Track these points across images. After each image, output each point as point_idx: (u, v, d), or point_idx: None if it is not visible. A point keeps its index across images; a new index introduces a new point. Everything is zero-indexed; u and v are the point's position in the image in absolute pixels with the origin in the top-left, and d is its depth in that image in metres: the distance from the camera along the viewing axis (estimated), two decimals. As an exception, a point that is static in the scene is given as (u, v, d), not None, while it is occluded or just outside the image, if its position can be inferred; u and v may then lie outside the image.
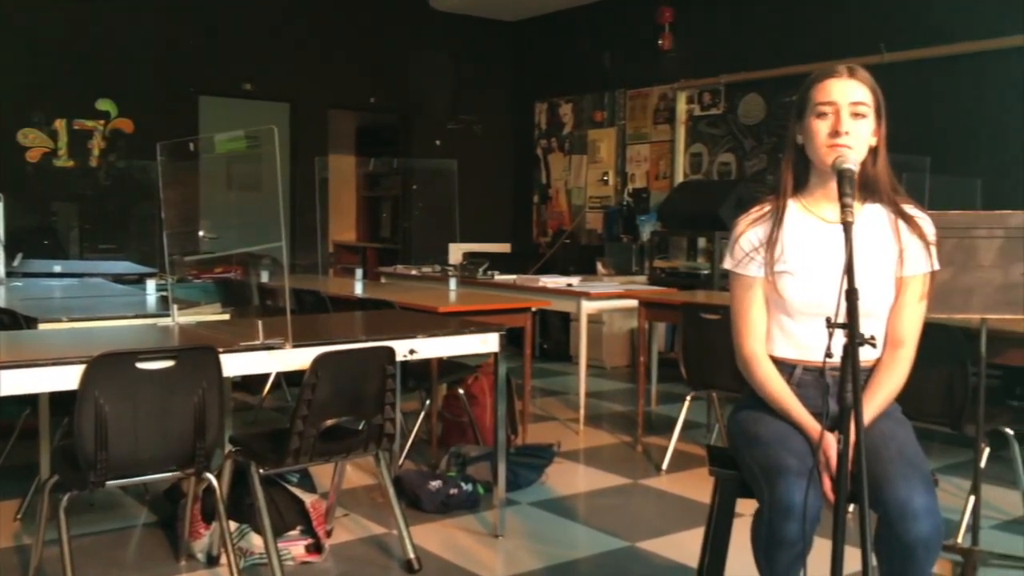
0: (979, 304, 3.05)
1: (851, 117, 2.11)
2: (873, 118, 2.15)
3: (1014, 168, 5.68)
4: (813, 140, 2.14)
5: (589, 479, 4.37)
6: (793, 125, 2.22)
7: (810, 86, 2.17)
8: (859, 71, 2.17)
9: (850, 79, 2.14)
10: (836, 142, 2.09)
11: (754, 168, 7.37)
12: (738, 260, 2.25)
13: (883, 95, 2.17)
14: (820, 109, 2.13)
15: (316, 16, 8.41)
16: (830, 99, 2.12)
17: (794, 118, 2.22)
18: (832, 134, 2.10)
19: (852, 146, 2.09)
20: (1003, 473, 4.00)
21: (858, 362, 1.76)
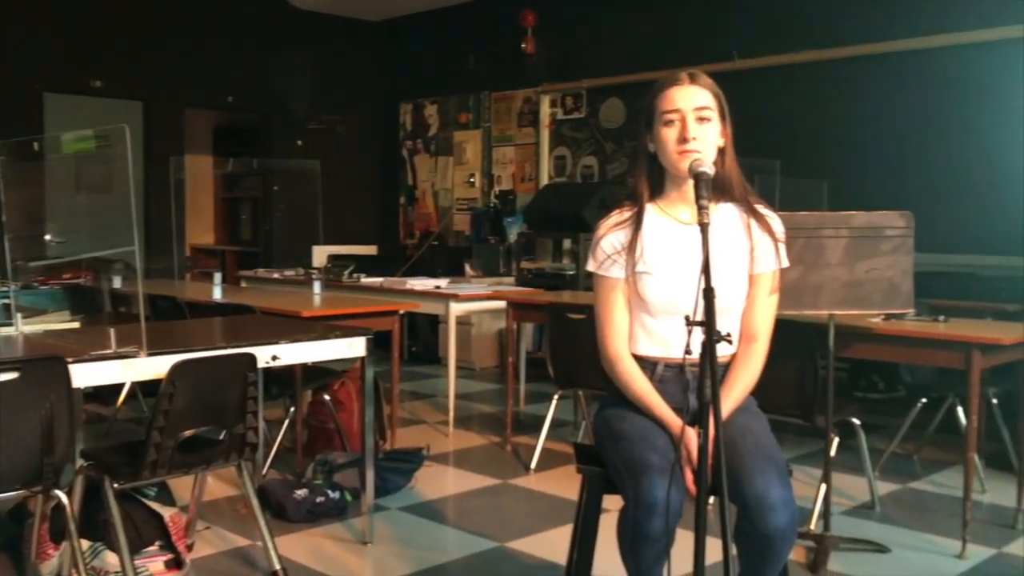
0: (827, 301, 3.20)
1: (697, 122, 2.18)
2: (718, 120, 2.22)
3: (858, 170, 6.00)
4: (663, 148, 2.21)
5: (459, 481, 4.36)
6: (643, 134, 2.28)
7: (655, 96, 2.23)
8: (700, 77, 2.23)
9: (692, 85, 2.20)
10: (685, 148, 2.16)
11: (616, 171, 7.53)
12: (600, 263, 2.29)
13: (730, 99, 2.24)
14: (666, 117, 2.19)
15: (172, 12, 8.11)
16: (675, 107, 2.19)
17: (643, 127, 2.28)
18: (680, 140, 2.17)
19: (701, 150, 2.16)
20: (851, 461, 4.22)
21: (716, 358, 1.82)
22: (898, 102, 5.91)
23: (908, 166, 5.85)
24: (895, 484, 4.27)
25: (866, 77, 6.04)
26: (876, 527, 3.68)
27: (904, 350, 3.64)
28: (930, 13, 5.73)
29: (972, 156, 5.58)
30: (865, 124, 6.05)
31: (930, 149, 5.78)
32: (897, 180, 5.83)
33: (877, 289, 3.18)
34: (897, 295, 3.19)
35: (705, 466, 1.87)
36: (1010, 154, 5.30)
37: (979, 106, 5.54)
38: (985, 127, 5.50)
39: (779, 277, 2.30)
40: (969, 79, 5.59)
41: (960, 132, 5.64)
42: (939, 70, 5.73)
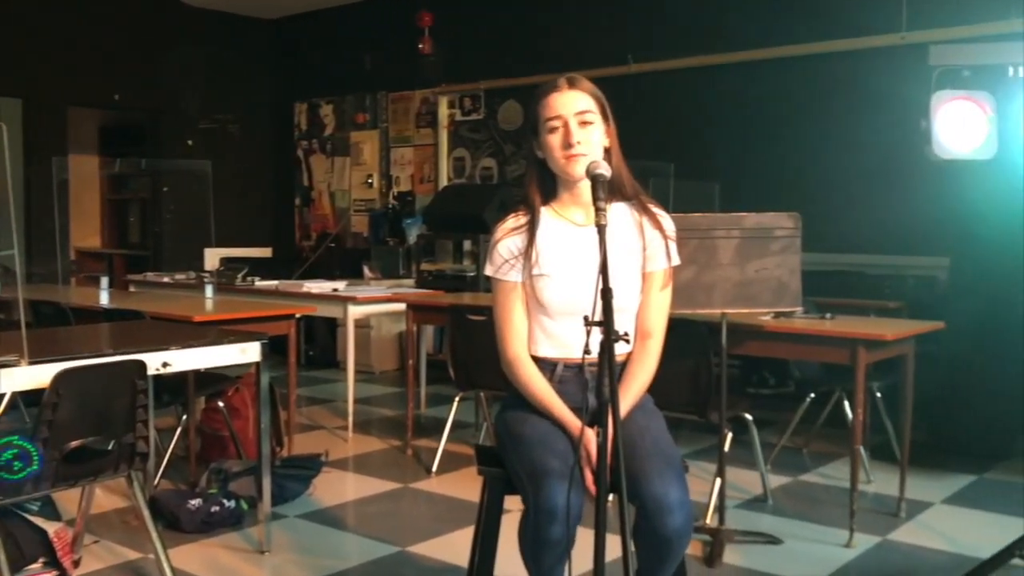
0: (720, 300, 3.28)
1: (579, 127, 2.20)
2: (601, 122, 2.25)
3: (748, 173, 6.17)
4: (551, 154, 2.23)
5: (359, 487, 4.31)
6: (531, 140, 2.30)
7: (537, 103, 2.26)
8: (579, 81, 2.26)
9: (571, 90, 2.23)
10: (571, 153, 2.19)
11: (515, 173, 7.56)
12: (498, 267, 2.30)
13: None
14: (550, 124, 2.22)
15: (53, 5, 7.78)
16: (556, 113, 2.21)
17: (530, 134, 2.30)
18: (565, 146, 2.20)
19: (586, 153, 2.19)
20: (744, 456, 4.34)
21: (614, 358, 1.84)
22: (787, 106, 6.10)
23: (796, 169, 6.05)
24: (786, 477, 4.40)
25: (756, 81, 6.22)
26: (769, 519, 3.79)
27: (793, 347, 3.76)
28: (816, 20, 5.93)
29: (857, 159, 5.81)
30: (755, 127, 6.22)
31: (817, 152, 5.99)
32: (786, 182, 6.02)
33: (767, 288, 3.27)
34: (786, 294, 3.29)
35: (604, 466, 1.89)
36: (892, 157, 5.53)
37: (862, 111, 5.77)
38: (868, 131, 5.72)
39: (671, 274, 2.34)
40: (853, 84, 5.81)
41: (845, 136, 5.85)
42: (826, 75, 5.94)
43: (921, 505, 3.95)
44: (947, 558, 3.34)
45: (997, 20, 5.16)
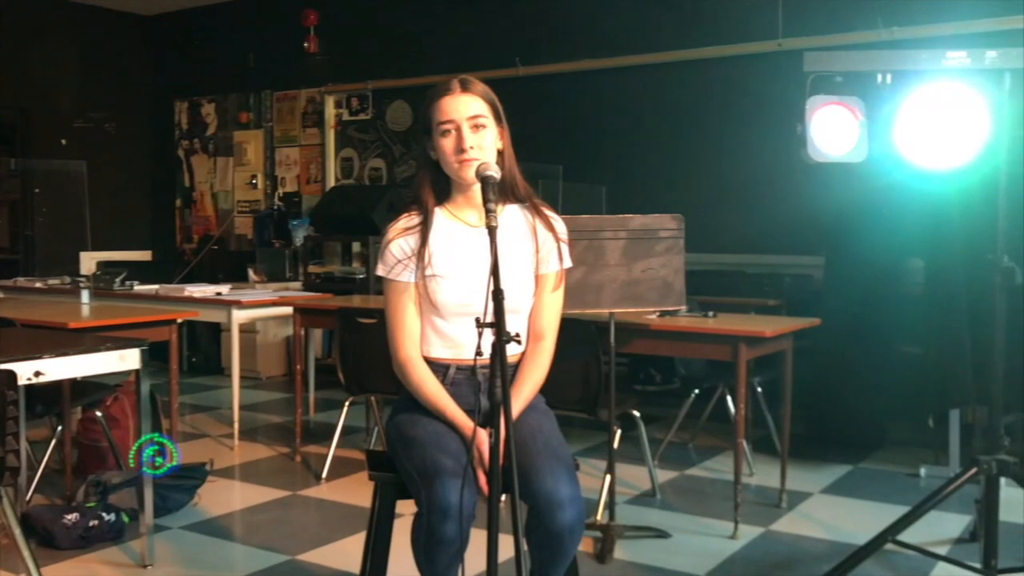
0: (608, 300, 3.33)
1: (472, 131, 2.20)
2: (494, 125, 2.25)
3: (633, 175, 6.30)
4: (444, 157, 2.22)
5: (246, 495, 4.21)
6: (424, 142, 2.29)
7: (429, 105, 2.25)
8: (472, 84, 2.25)
9: (464, 94, 2.22)
10: (463, 157, 2.18)
11: (404, 174, 7.52)
12: (390, 268, 2.27)
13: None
14: (442, 128, 2.21)
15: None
16: (449, 117, 2.20)
17: (423, 135, 2.28)
18: (458, 151, 2.19)
19: (479, 158, 2.18)
20: (633, 452, 4.42)
21: (506, 359, 1.84)
22: (670, 110, 6.24)
23: (679, 171, 6.20)
24: (673, 471, 4.50)
25: (641, 85, 6.35)
26: (657, 514, 3.87)
27: (678, 344, 3.85)
28: (698, 27, 6.10)
29: (737, 162, 5.99)
30: (640, 131, 6.35)
31: (699, 155, 6.15)
32: (670, 184, 6.17)
33: (652, 288, 3.34)
34: (671, 293, 3.37)
35: (497, 467, 1.90)
36: (770, 160, 5.73)
37: (742, 114, 5.95)
38: (748, 135, 5.91)
39: (563, 276, 2.36)
40: (733, 89, 5.99)
41: (726, 139, 6.03)
42: (708, 80, 6.11)
43: (801, 495, 4.10)
44: (826, 546, 3.48)
45: (867, 29, 5.42)
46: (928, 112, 2.86)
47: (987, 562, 2.96)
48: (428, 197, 2.29)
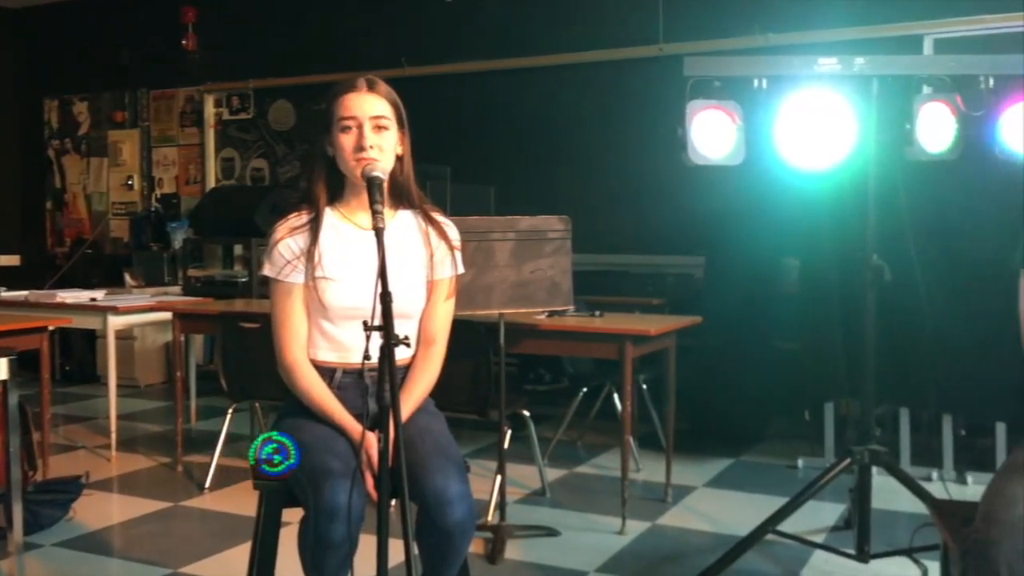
0: (498, 300, 3.34)
1: (374, 131, 2.18)
2: (396, 129, 2.23)
3: (521, 177, 6.34)
4: (341, 154, 2.19)
5: (124, 508, 4.05)
6: (322, 137, 2.24)
7: (332, 101, 2.21)
8: (379, 85, 2.24)
9: (369, 94, 2.20)
10: (362, 156, 2.15)
11: (287, 174, 7.38)
12: (278, 268, 2.22)
13: (405, 106, 2.27)
14: (344, 124, 2.18)
15: None
16: (352, 114, 2.17)
17: (322, 131, 2.24)
18: (357, 148, 2.16)
19: (378, 158, 2.16)
20: (523, 451, 4.44)
21: (394, 362, 1.83)
22: (557, 112, 6.31)
23: (566, 172, 6.28)
24: (562, 470, 4.55)
25: (527, 88, 6.40)
26: (547, 512, 3.90)
27: (566, 344, 3.90)
28: (583, 30, 6.18)
29: (621, 164, 6.10)
30: (528, 132, 6.40)
31: (585, 157, 6.24)
32: (557, 186, 6.23)
33: (541, 288, 3.37)
34: (559, 293, 3.40)
35: (386, 470, 1.88)
36: (653, 162, 5.84)
37: (626, 117, 6.06)
38: (632, 137, 6.03)
39: (456, 283, 2.36)
40: (617, 92, 6.10)
41: (611, 141, 6.13)
42: (592, 83, 6.20)
43: (686, 489, 4.20)
44: (710, 538, 3.57)
45: (744, 35, 5.59)
46: (802, 116, 2.98)
47: (860, 548, 3.09)
48: (320, 195, 2.25)
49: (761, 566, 3.26)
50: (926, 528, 3.10)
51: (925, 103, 2.96)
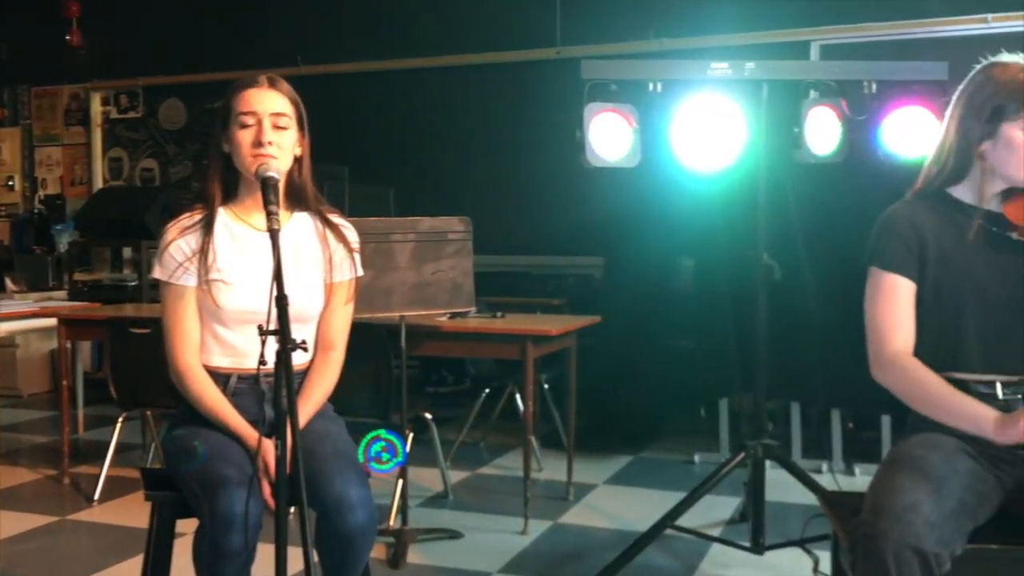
0: (398, 303, 3.31)
1: (273, 128, 2.13)
2: (296, 129, 2.20)
3: (421, 177, 6.31)
4: (238, 150, 2.14)
5: (7, 524, 3.86)
6: (219, 134, 2.19)
7: (231, 96, 2.16)
8: (280, 82, 2.20)
9: (270, 90, 2.17)
10: (260, 152, 2.11)
11: (179, 175, 7.18)
12: (170, 270, 2.16)
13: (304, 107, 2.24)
14: (242, 120, 2.13)
15: None
16: (251, 109, 2.13)
17: (219, 127, 2.19)
18: (255, 144, 2.11)
19: (277, 156, 2.12)
20: (425, 454, 4.42)
21: (291, 367, 1.79)
22: (457, 114, 6.31)
23: (467, 174, 6.27)
24: (465, 472, 4.54)
25: (427, 88, 6.37)
26: (450, 515, 3.89)
27: (468, 345, 3.90)
28: (482, 32, 6.19)
29: (521, 166, 6.13)
30: (428, 133, 6.38)
31: (485, 158, 6.25)
32: (457, 187, 6.23)
33: (442, 290, 3.35)
34: (460, 295, 3.39)
35: (283, 477, 1.84)
36: (553, 164, 5.89)
37: (526, 119, 6.10)
38: (531, 139, 6.06)
39: (355, 286, 2.33)
40: (517, 94, 6.13)
41: (511, 143, 6.16)
42: (492, 85, 6.22)
43: (587, 487, 4.24)
44: (611, 535, 3.62)
45: (639, 40, 5.69)
46: (696, 119, 3.04)
47: (755, 540, 3.18)
48: (215, 194, 2.19)
49: (661, 561, 3.31)
50: (817, 519, 3.21)
51: (812, 107, 3.06)
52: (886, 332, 2.01)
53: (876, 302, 2.05)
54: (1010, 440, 1.82)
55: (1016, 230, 1.97)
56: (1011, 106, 1.96)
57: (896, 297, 2.02)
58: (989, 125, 1.98)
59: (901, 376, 1.99)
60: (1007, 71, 1.99)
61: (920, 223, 2.04)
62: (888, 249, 2.04)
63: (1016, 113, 1.95)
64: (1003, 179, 2.02)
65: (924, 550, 1.70)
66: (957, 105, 2.05)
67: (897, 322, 2.01)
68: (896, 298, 2.02)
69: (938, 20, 5.27)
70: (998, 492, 1.95)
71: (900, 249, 2.03)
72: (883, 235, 2.07)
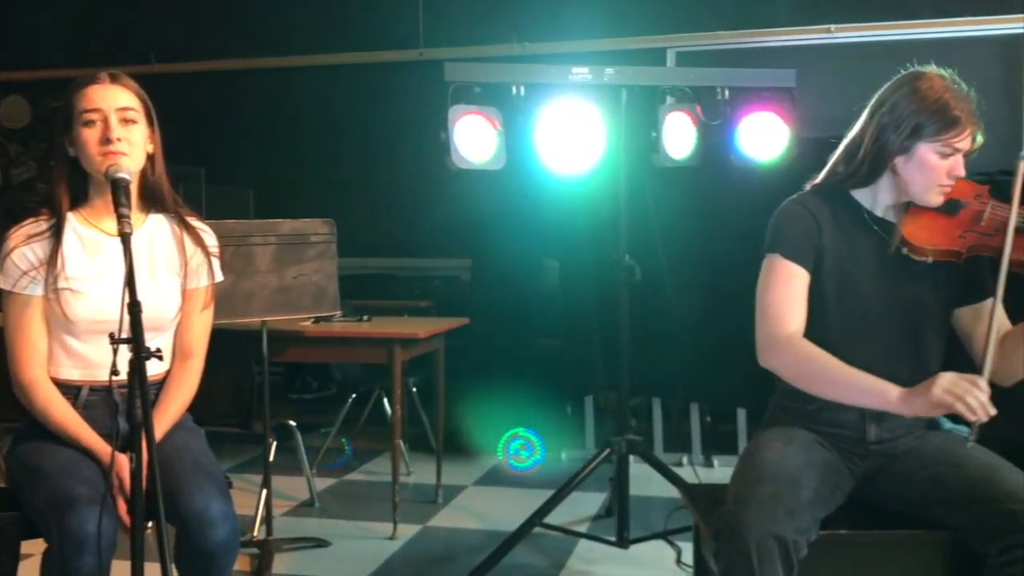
0: (259, 308, 3.23)
1: (121, 123, 2.04)
2: (145, 124, 2.11)
3: (282, 179, 6.16)
4: (85, 150, 2.03)
5: None
6: (62, 136, 2.08)
7: (72, 94, 2.06)
8: (122, 77, 2.11)
9: (114, 85, 2.07)
10: (109, 150, 2.01)
11: (22, 176, 6.79)
12: (13, 279, 2.04)
13: (155, 105, 2.15)
14: (87, 117, 2.03)
15: None
16: (96, 106, 2.03)
17: (61, 129, 2.08)
18: (103, 141, 2.02)
19: (127, 152, 2.03)
20: (290, 462, 4.32)
21: (146, 378, 1.72)
22: (320, 114, 6.19)
23: (330, 175, 6.17)
24: (332, 479, 4.47)
25: (288, 88, 6.24)
26: (316, 523, 3.82)
27: (334, 350, 3.84)
28: (344, 31, 6.11)
29: (387, 167, 6.08)
30: (289, 134, 6.24)
31: (350, 159, 6.16)
32: (320, 189, 6.11)
33: (305, 294, 3.29)
34: (324, 298, 3.34)
35: (139, 493, 1.76)
36: (417, 165, 5.86)
37: (391, 121, 6.04)
38: (397, 141, 6.01)
39: (213, 291, 2.26)
40: (381, 95, 6.07)
41: (376, 144, 6.09)
42: (356, 85, 6.13)
43: (456, 489, 4.24)
44: (481, 535, 3.63)
45: (502, 43, 5.74)
46: (558, 122, 3.08)
47: (620, 534, 3.25)
48: (62, 199, 2.08)
49: (530, 559, 3.35)
50: (679, 511, 3.31)
51: (669, 112, 3.15)
52: (780, 316, 2.01)
53: (770, 288, 2.04)
54: (917, 412, 1.86)
55: (907, 246, 1.99)
56: (930, 127, 1.95)
57: (791, 284, 2.02)
58: (907, 141, 1.97)
59: (795, 357, 1.98)
60: (933, 87, 1.97)
61: (820, 217, 2.06)
62: (787, 238, 2.05)
63: (934, 136, 1.95)
64: (908, 195, 2.04)
65: (784, 537, 1.77)
66: (877, 111, 2.03)
67: (791, 307, 2.01)
68: (791, 285, 2.02)
69: (786, 29, 5.52)
70: (849, 481, 2.06)
71: (800, 239, 2.04)
72: (783, 224, 2.07)
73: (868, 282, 2.05)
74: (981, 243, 1.97)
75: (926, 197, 2.02)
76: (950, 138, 1.95)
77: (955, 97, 1.97)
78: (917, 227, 2.00)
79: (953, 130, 1.95)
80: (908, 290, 2.04)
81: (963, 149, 1.98)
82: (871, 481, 2.07)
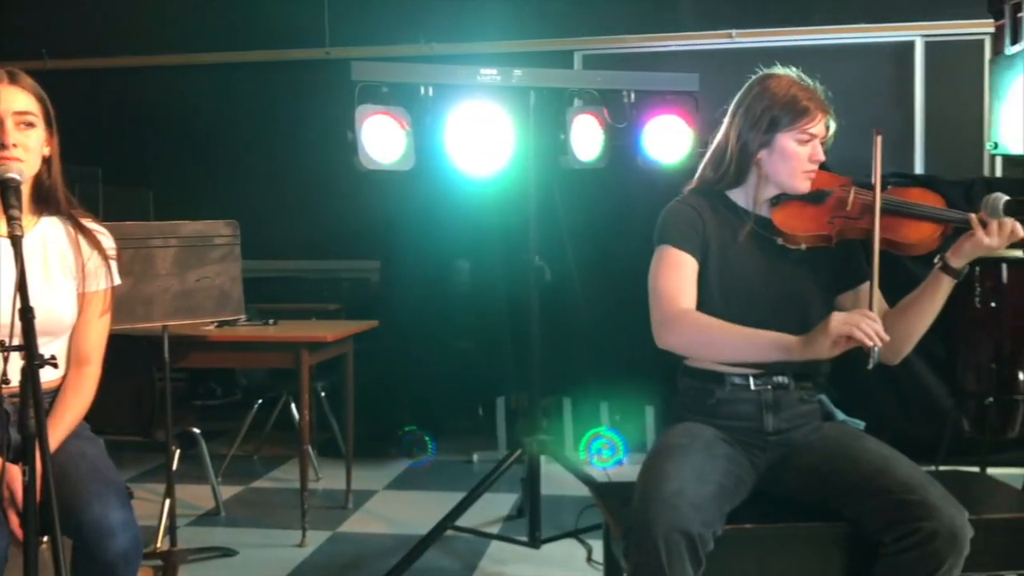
0: (160, 312, 3.14)
1: (17, 127, 1.97)
2: (43, 127, 2.04)
3: (183, 179, 6.01)
4: None
5: None
6: None
7: None
8: (23, 78, 2.04)
9: (12, 86, 2.00)
10: (3, 155, 1.94)
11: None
12: None
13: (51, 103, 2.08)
14: None
15: None
16: None
17: None
18: None
19: (23, 158, 1.96)
20: (195, 471, 4.21)
21: (39, 386, 1.65)
22: (223, 113, 6.06)
23: (233, 176, 6.05)
24: (238, 486, 4.37)
25: (189, 87, 6.09)
26: (223, 532, 3.73)
27: (239, 355, 3.76)
28: (247, 29, 6.00)
29: (292, 167, 5.98)
30: (190, 134, 6.09)
31: (253, 160, 6.05)
32: (223, 189, 5.99)
33: (209, 297, 3.21)
34: (228, 302, 3.26)
35: (33, 505, 1.69)
36: (324, 166, 5.78)
37: (296, 120, 5.95)
38: (302, 141, 5.93)
39: (111, 295, 2.19)
40: (286, 94, 5.98)
41: (281, 144, 6.00)
42: (259, 84, 6.03)
43: (367, 494, 4.20)
44: (392, 540, 3.59)
45: (410, 43, 5.71)
46: (467, 124, 3.08)
47: (532, 534, 3.26)
48: None
49: (442, 562, 3.33)
50: (590, 510, 3.35)
51: (576, 115, 3.18)
52: (672, 296, 2.07)
53: (660, 274, 2.11)
54: (819, 353, 1.91)
55: (781, 236, 2.11)
56: (785, 118, 2.10)
57: (681, 270, 2.11)
58: (766, 135, 2.12)
59: (690, 328, 2.04)
60: (781, 84, 2.13)
61: (703, 212, 2.17)
62: (675, 230, 2.13)
63: (789, 125, 2.10)
64: (776, 186, 2.16)
65: (691, 532, 1.81)
66: (735, 115, 2.18)
67: (682, 288, 2.09)
68: (681, 271, 2.10)
69: (689, 34, 5.64)
70: (752, 475, 2.11)
71: (687, 230, 2.13)
72: (670, 219, 2.16)
73: (751, 272, 2.14)
74: (848, 226, 2.10)
75: (793, 184, 2.14)
76: (804, 124, 2.10)
77: (803, 90, 2.13)
78: (787, 216, 2.13)
79: (805, 118, 2.10)
80: (790, 279, 2.15)
81: (818, 135, 2.12)
82: (773, 474, 2.13)
